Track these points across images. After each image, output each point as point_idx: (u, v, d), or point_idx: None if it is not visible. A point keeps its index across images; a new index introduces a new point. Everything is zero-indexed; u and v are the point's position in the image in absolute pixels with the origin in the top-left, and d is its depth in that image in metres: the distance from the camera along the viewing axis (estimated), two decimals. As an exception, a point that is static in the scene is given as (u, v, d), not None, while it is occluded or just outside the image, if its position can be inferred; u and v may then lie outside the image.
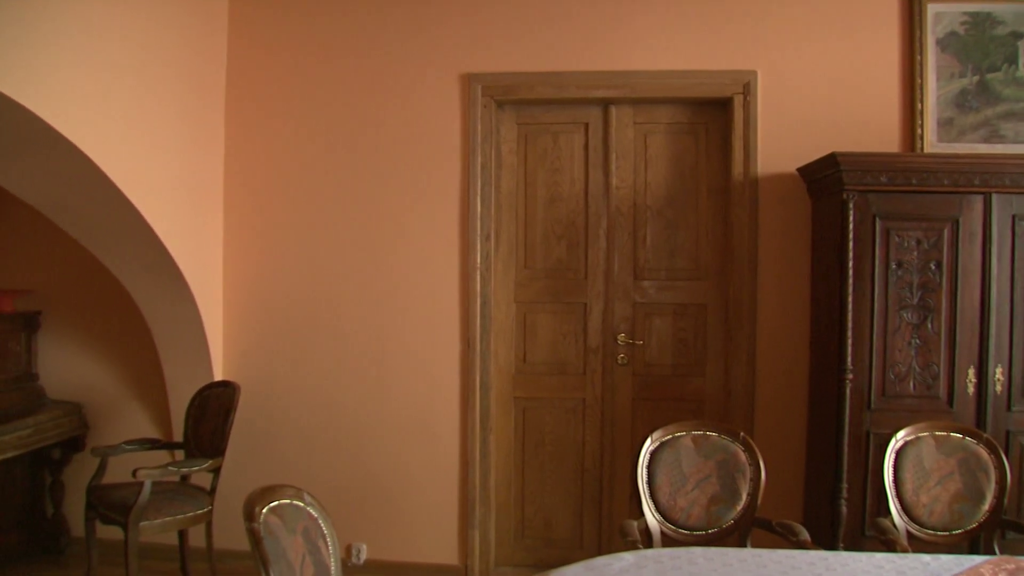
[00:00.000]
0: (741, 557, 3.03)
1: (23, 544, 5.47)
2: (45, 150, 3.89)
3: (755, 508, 3.75)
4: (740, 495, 3.77)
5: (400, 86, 5.06)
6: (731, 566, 2.94)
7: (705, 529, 3.76)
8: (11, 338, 5.37)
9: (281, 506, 2.63)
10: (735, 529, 3.76)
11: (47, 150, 3.89)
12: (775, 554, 3.04)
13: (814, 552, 3.12)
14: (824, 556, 3.06)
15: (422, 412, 5.06)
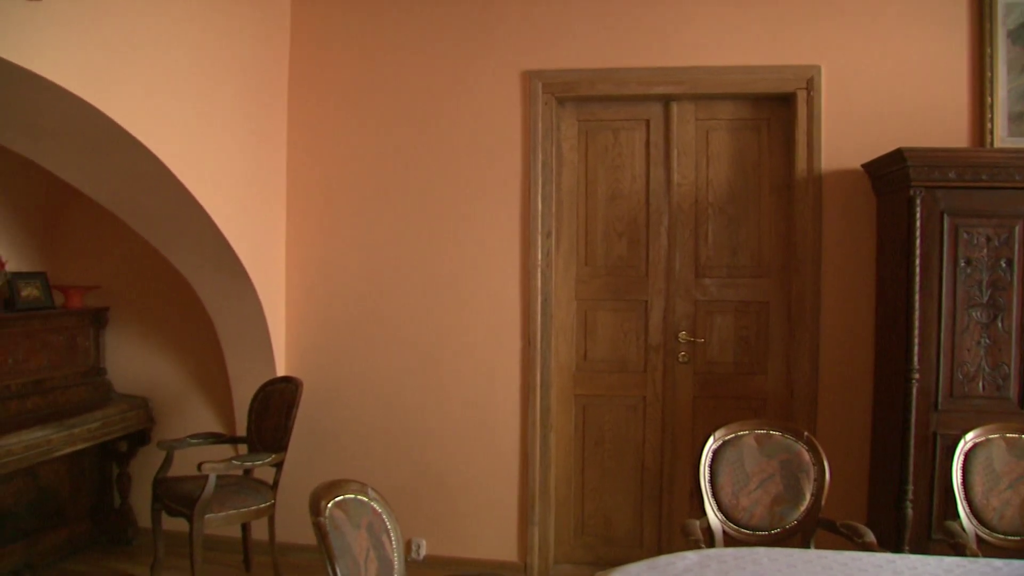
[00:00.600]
0: (806, 558, 2.99)
1: (92, 533, 5.60)
2: (116, 150, 3.98)
3: (819, 509, 3.70)
4: (804, 495, 3.72)
5: (461, 83, 5.08)
6: (795, 567, 2.90)
7: (768, 529, 3.72)
8: (80, 333, 5.49)
9: (346, 501, 2.65)
10: (798, 530, 3.71)
11: (118, 150, 3.97)
12: (840, 555, 3.00)
13: (880, 555, 3.07)
14: (891, 559, 3.01)
15: (482, 409, 5.08)
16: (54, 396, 5.19)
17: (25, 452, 4.58)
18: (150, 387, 5.65)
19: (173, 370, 5.63)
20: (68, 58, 3.44)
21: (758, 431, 3.83)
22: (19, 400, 4.96)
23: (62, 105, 3.57)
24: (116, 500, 5.69)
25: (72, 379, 5.40)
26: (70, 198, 5.58)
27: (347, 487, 2.68)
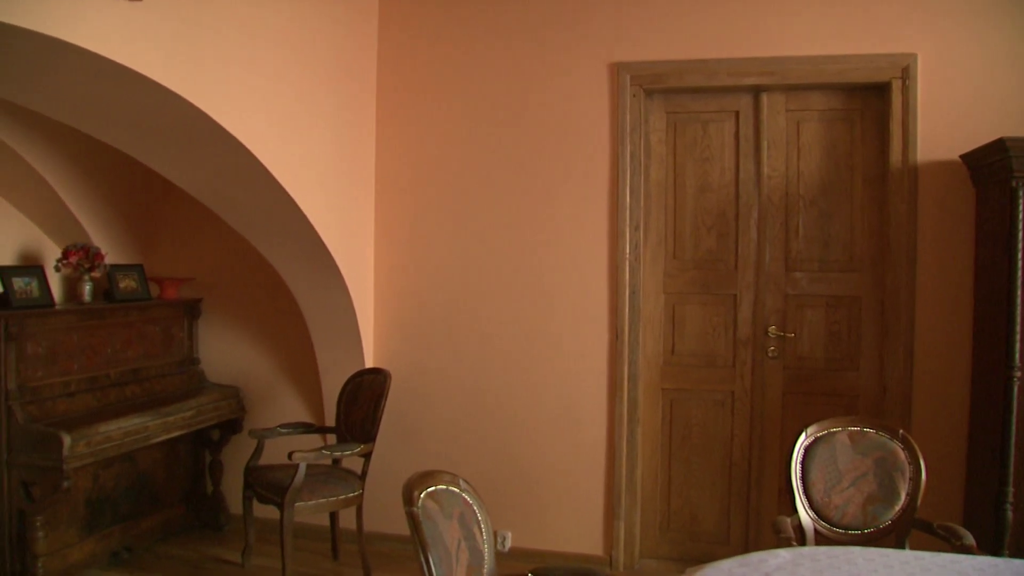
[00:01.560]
0: (903, 559, 2.92)
1: (186, 518, 5.75)
2: (211, 145, 4.06)
3: (914, 509, 3.61)
4: (899, 495, 3.63)
5: (548, 76, 5.06)
6: (892, 568, 2.83)
7: (860, 529, 3.64)
8: (175, 324, 5.63)
9: (438, 491, 2.67)
10: (892, 530, 3.62)
11: (212, 145, 4.05)
12: (939, 557, 2.92)
13: (982, 558, 2.97)
14: (994, 563, 2.91)
15: (569, 402, 5.07)
16: (150, 385, 5.34)
17: (124, 438, 4.72)
18: (241, 377, 5.78)
19: (263, 360, 5.74)
20: (165, 55, 3.52)
21: (851, 428, 3.76)
22: (118, 388, 5.11)
23: (160, 102, 3.66)
24: (208, 487, 5.83)
25: (167, 368, 5.54)
26: (165, 192, 5.73)
27: (439, 478, 2.70)
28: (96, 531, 5.04)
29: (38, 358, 4.64)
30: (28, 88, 3.76)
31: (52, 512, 4.63)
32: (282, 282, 5.15)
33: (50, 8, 2.98)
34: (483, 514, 2.80)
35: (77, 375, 4.88)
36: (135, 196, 5.71)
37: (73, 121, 4.11)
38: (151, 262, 5.87)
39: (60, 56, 3.20)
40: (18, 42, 3.05)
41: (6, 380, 4.44)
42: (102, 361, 5.06)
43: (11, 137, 4.61)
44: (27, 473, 4.44)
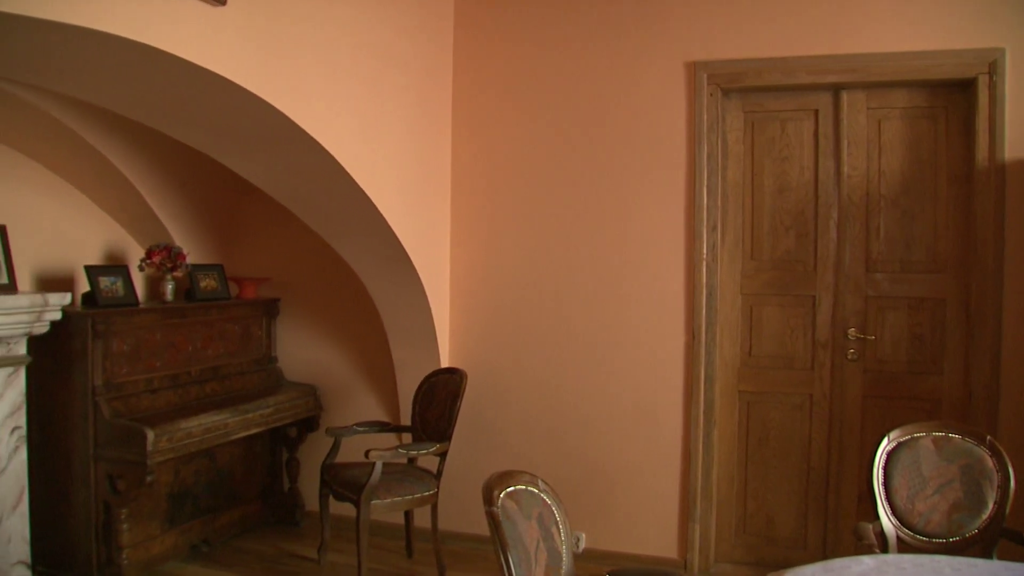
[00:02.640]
0: (992, 570, 2.82)
1: (263, 514, 5.85)
2: (290, 146, 4.13)
3: (1003, 518, 3.50)
4: (986, 503, 3.52)
5: (624, 75, 5.04)
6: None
7: (945, 537, 3.54)
8: (253, 323, 5.72)
9: (517, 491, 2.67)
10: (978, 539, 3.51)
11: (292, 146, 4.12)
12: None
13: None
14: (1092, 574, 2.82)
15: (645, 403, 5.03)
16: (230, 382, 5.44)
17: (204, 435, 4.82)
18: (318, 375, 5.85)
19: (340, 359, 5.80)
20: (248, 59, 3.59)
21: (936, 433, 3.66)
22: (199, 386, 5.21)
23: (243, 105, 3.73)
24: (285, 483, 5.91)
25: (246, 366, 5.64)
26: (244, 193, 5.82)
27: (519, 478, 2.70)
28: (177, 524, 5.15)
29: (123, 355, 4.76)
30: (115, 93, 3.86)
31: (136, 505, 4.75)
32: (358, 282, 5.20)
33: (137, 14, 3.05)
34: (561, 515, 2.80)
35: (160, 372, 4.99)
36: (215, 197, 5.82)
37: (158, 124, 4.21)
38: (230, 262, 5.98)
39: (146, 61, 3.27)
40: (107, 48, 3.14)
41: (93, 376, 4.57)
42: (184, 359, 5.17)
43: (98, 140, 4.73)
44: (113, 467, 4.56)
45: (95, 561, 4.66)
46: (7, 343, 4.29)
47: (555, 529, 2.77)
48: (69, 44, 3.10)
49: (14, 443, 4.36)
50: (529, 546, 2.61)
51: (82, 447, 4.61)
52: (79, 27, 2.88)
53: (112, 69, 3.46)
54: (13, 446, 4.36)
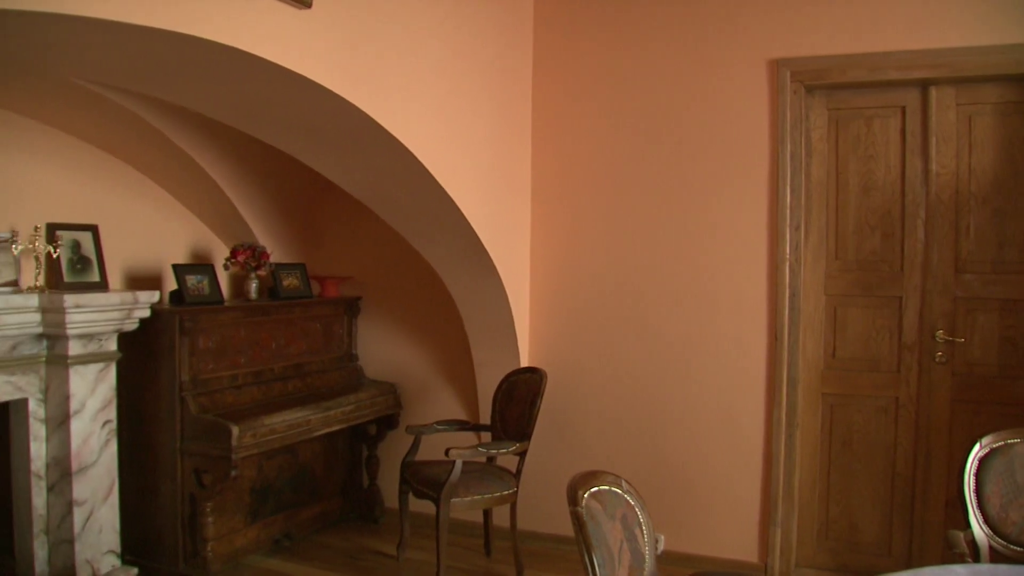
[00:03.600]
0: (1091, 582, 2.74)
1: (343, 510, 5.93)
2: (373, 146, 4.18)
3: (1102, 528, 3.39)
4: (1085, 512, 3.42)
5: (705, 74, 4.98)
6: (1081, 590, 2.67)
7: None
8: (335, 321, 5.80)
9: (601, 492, 2.66)
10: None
11: (374, 146, 4.17)
12: None
13: None
14: None
15: (726, 404, 4.98)
16: (312, 380, 5.52)
17: (287, 431, 4.90)
18: (398, 373, 5.91)
19: (419, 358, 5.85)
20: (332, 60, 3.65)
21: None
22: (282, 382, 5.30)
23: (325, 105, 3.79)
24: (365, 480, 5.98)
25: (327, 364, 5.72)
26: (326, 193, 5.90)
27: (603, 478, 2.69)
28: (259, 519, 5.24)
29: (209, 352, 4.86)
30: (203, 95, 3.95)
31: (220, 499, 4.85)
32: (439, 281, 5.24)
33: (224, 18, 3.12)
34: (644, 516, 2.78)
35: (244, 368, 5.09)
36: (298, 197, 5.91)
37: (244, 126, 4.30)
38: (312, 261, 6.07)
39: (234, 64, 3.35)
40: (194, 51, 3.21)
41: (180, 372, 4.68)
42: (267, 356, 5.26)
43: (186, 142, 4.83)
44: (198, 461, 4.66)
45: (181, 552, 4.77)
46: (99, 340, 4.42)
47: (638, 530, 2.76)
48: (159, 48, 3.18)
49: (105, 436, 4.49)
50: (613, 547, 2.60)
51: (169, 441, 4.72)
52: (169, 31, 2.95)
53: (200, 72, 3.54)
54: (104, 439, 4.49)
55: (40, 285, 4.32)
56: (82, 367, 4.37)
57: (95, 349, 4.41)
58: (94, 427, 4.44)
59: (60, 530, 4.40)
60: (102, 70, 3.72)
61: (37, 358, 4.33)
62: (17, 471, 4.38)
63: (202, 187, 5.24)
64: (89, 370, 4.41)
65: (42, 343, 4.34)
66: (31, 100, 4.35)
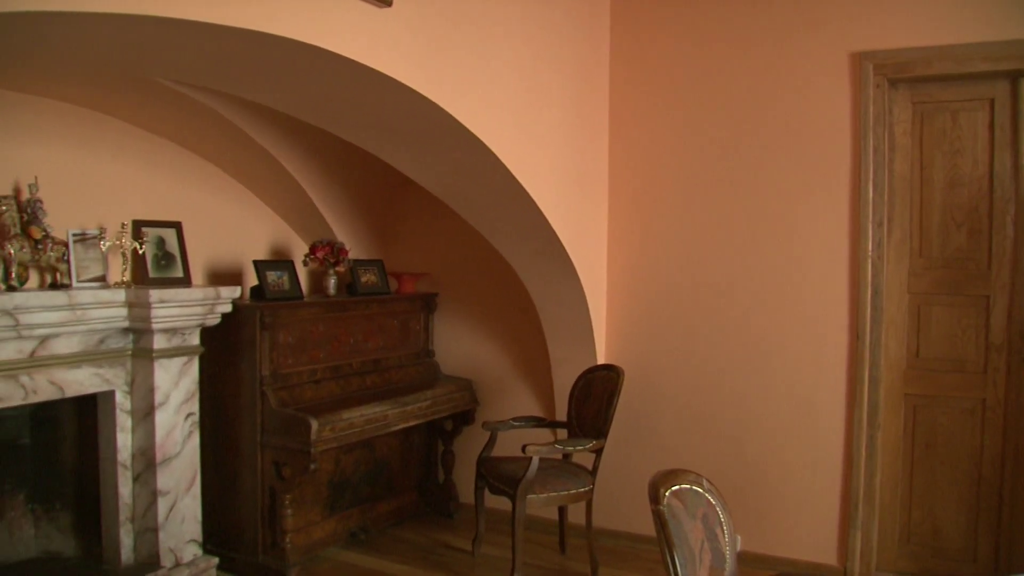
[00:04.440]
0: None
1: (418, 505, 5.99)
2: (452, 143, 4.20)
3: None
4: None
5: (784, 68, 4.89)
6: None
7: None
8: (412, 318, 5.85)
9: (682, 491, 2.63)
10: None
11: (453, 143, 4.19)
12: None
13: None
14: None
15: (805, 404, 4.89)
16: (389, 375, 5.58)
17: (365, 425, 4.96)
18: (474, 370, 5.94)
19: (495, 354, 5.88)
20: (412, 59, 3.68)
21: None
22: (359, 377, 5.37)
23: (405, 102, 3.82)
24: (440, 476, 6.03)
25: (404, 360, 5.77)
26: (403, 190, 5.96)
27: (684, 477, 2.66)
28: (336, 512, 5.32)
29: (288, 347, 4.94)
30: (283, 94, 4.02)
31: (299, 492, 4.93)
32: (515, 277, 5.25)
33: (306, 17, 3.17)
34: (725, 515, 2.75)
35: (323, 363, 5.16)
36: (375, 194, 5.98)
37: (323, 123, 4.36)
38: (390, 257, 6.13)
39: (314, 62, 3.40)
40: (277, 51, 3.27)
41: (261, 366, 4.76)
42: (345, 351, 5.33)
43: (266, 140, 4.92)
44: (278, 454, 4.74)
45: (260, 543, 4.86)
46: (182, 334, 4.52)
47: (719, 530, 2.72)
48: (242, 47, 3.24)
49: (188, 428, 4.60)
50: (694, 546, 2.58)
51: (250, 434, 4.81)
52: (252, 31, 3.01)
53: (282, 71, 3.60)
54: (187, 431, 4.59)
55: (126, 280, 4.44)
56: (166, 360, 4.48)
57: (179, 343, 4.51)
58: (177, 419, 4.55)
59: (145, 519, 4.52)
60: (187, 70, 3.80)
61: (123, 351, 4.46)
62: (104, 461, 4.52)
63: (282, 184, 5.32)
64: (173, 363, 4.52)
65: (128, 337, 4.46)
66: (119, 101, 4.48)
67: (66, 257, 4.26)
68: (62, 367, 4.22)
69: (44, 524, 4.69)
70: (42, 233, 4.14)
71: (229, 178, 5.33)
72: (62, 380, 4.22)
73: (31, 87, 4.21)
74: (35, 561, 4.62)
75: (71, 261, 4.30)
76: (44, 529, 4.69)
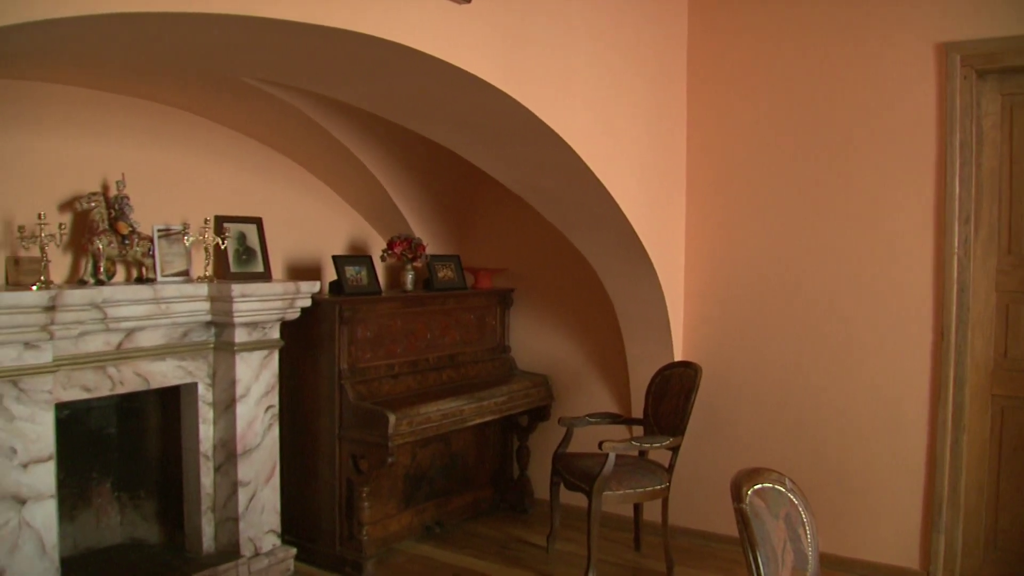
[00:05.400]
0: None
1: (493, 500, 6.01)
2: (529, 138, 4.21)
3: None
4: None
5: (866, 61, 4.77)
6: None
7: None
8: (488, 313, 5.88)
9: (764, 489, 2.59)
10: None
11: (531, 138, 4.20)
12: None
13: None
14: None
15: (887, 404, 4.78)
16: (465, 370, 5.61)
17: (441, 420, 4.99)
18: (549, 365, 5.94)
19: (571, 350, 5.87)
20: (491, 55, 3.70)
21: None
22: (436, 372, 5.41)
23: (485, 98, 3.85)
24: (515, 471, 6.04)
25: (480, 355, 5.80)
26: (480, 186, 5.99)
27: (767, 475, 2.62)
28: (412, 505, 5.36)
29: (366, 341, 5.00)
30: (364, 90, 4.07)
31: (376, 485, 4.99)
32: (592, 273, 5.24)
33: (387, 14, 3.21)
34: (808, 516, 2.70)
35: (400, 358, 5.21)
36: (452, 190, 6.01)
37: (403, 120, 4.40)
38: (466, 253, 6.16)
39: (395, 58, 3.44)
40: (362, 48, 3.32)
41: (339, 360, 4.83)
42: (422, 346, 5.37)
43: (345, 136, 4.98)
44: (356, 447, 4.80)
45: (338, 535, 4.93)
46: (263, 328, 4.61)
47: (802, 530, 2.67)
48: (325, 45, 3.30)
49: (268, 420, 4.68)
50: (776, 546, 2.53)
51: (328, 427, 4.88)
52: (335, 28, 3.06)
53: (364, 68, 3.65)
54: (267, 423, 4.68)
55: (209, 275, 4.54)
56: (247, 354, 4.57)
57: (259, 337, 4.60)
58: (258, 411, 4.64)
59: (226, 508, 4.62)
60: (271, 68, 3.88)
61: (206, 344, 4.56)
62: (187, 451, 4.63)
63: (360, 180, 5.38)
64: (254, 357, 4.60)
65: (210, 330, 4.56)
66: (204, 99, 4.58)
67: (151, 252, 4.38)
68: (147, 359, 4.33)
69: (129, 511, 4.83)
70: (129, 229, 4.26)
71: (309, 174, 5.42)
72: (147, 372, 4.34)
73: (122, 88, 4.34)
74: (121, 547, 4.77)
75: (156, 256, 4.42)
76: (129, 516, 4.83)
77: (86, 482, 4.66)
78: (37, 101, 4.09)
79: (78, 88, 4.24)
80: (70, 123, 4.23)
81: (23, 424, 3.67)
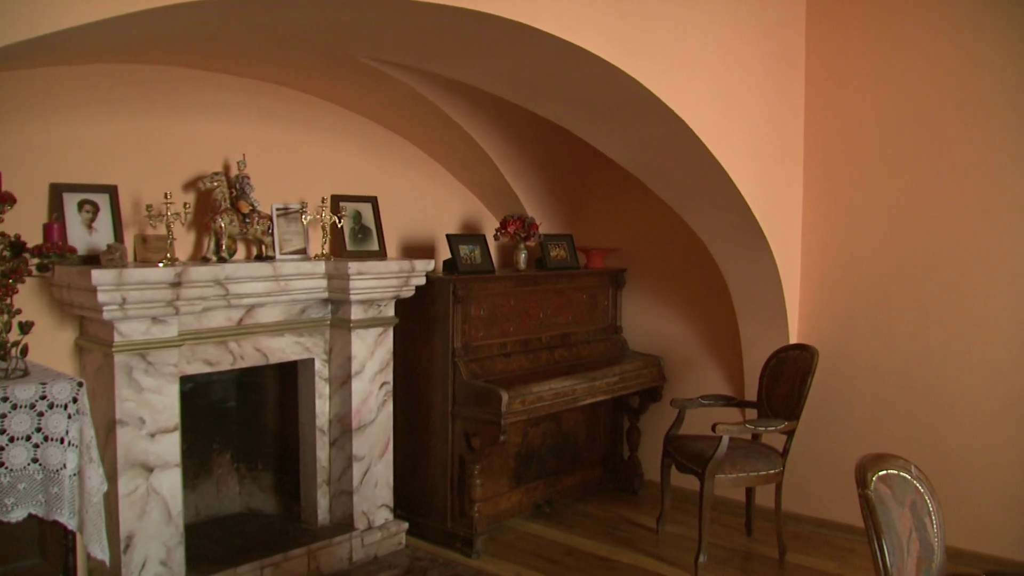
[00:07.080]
0: None
1: (602, 480, 6.00)
2: (645, 116, 4.18)
3: None
4: None
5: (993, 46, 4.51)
6: None
7: None
8: (600, 293, 5.85)
9: (890, 476, 2.52)
10: None
11: (647, 117, 4.17)
12: None
13: None
14: None
15: (1012, 396, 4.58)
16: (577, 350, 5.60)
17: (553, 399, 5.00)
18: (661, 346, 5.89)
19: (684, 331, 5.81)
20: (608, 31, 3.67)
21: None
22: (548, 352, 5.41)
23: (601, 76, 3.82)
24: (625, 452, 6.01)
25: (592, 335, 5.78)
26: (593, 165, 5.95)
27: (892, 462, 2.54)
28: (522, 484, 5.39)
29: (480, 320, 5.03)
30: (481, 69, 4.09)
31: (487, 462, 5.03)
32: (706, 254, 5.17)
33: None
34: (935, 505, 2.62)
35: (512, 337, 5.24)
36: (565, 169, 5.99)
37: (519, 98, 4.40)
38: (579, 232, 6.14)
39: (513, 37, 3.45)
40: (479, 27, 3.34)
41: (453, 339, 4.87)
42: (534, 325, 5.38)
43: (460, 116, 5.00)
44: (468, 425, 4.85)
45: (449, 511, 4.99)
46: (378, 305, 4.67)
47: (928, 519, 2.60)
48: (444, 24, 3.33)
49: (382, 397, 4.76)
50: (902, 534, 2.46)
51: (441, 405, 4.93)
52: (455, 7, 3.07)
53: (482, 47, 3.67)
54: (381, 399, 4.76)
55: (325, 253, 4.62)
56: (363, 331, 4.65)
57: (375, 314, 4.67)
58: (372, 388, 4.71)
59: (340, 482, 4.72)
60: (390, 48, 3.91)
61: (323, 321, 4.66)
62: (304, 426, 4.75)
63: (474, 160, 5.40)
64: (369, 334, 4.68)
65: (327, 307, 4.65)
66: (323, 81, 4.66)
67: (270, 230, 4.48)
68: (266, 335, 4.45)
69: (248, 482, 4.99)
70: (249, 208, 4.37)
71: (423, 154, 5.46)
72: (266, 347, 4.46)
73: (243, 70, 4.44)
74: (240, 516, 4.93)
75: (275, 234, 4.51)
76: (247, 487, 4.99)
77: (207, 453, 4.83)
78: (166, 84, 4.22)
79: (202, 72, 4.35)
80: (194, 105, 4.35)
81: (151, 395, 3.80)
